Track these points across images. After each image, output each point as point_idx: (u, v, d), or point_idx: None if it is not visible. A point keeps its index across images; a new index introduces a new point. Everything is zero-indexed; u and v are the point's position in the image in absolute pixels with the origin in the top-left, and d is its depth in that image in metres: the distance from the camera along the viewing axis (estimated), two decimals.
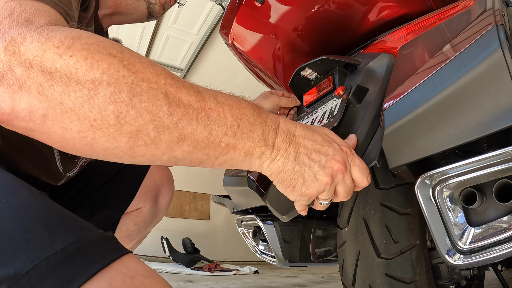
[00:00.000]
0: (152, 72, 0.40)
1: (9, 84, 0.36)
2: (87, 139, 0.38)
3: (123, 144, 0.38)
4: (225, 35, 1.17)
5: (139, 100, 0.38)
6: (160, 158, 0.41)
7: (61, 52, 0.37)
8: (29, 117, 0.37)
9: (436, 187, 0.52)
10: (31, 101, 0.36)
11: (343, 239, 0.78)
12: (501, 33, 0.45)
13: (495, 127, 0.44)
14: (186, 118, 0.40)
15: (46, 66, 0.36)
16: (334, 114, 0.69)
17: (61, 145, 0.39)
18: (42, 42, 0.37)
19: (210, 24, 3.60)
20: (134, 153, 0.39)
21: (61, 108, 0.36)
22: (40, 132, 0.38)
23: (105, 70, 0.37)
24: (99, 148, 0.39)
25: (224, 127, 0.42)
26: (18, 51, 0.36)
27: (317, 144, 0.49)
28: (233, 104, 0.44)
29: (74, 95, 0.36)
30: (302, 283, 3.28)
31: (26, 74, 0.36)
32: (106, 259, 0.38)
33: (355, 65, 0.78)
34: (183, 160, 0.42)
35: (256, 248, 1.21)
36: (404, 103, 0.52)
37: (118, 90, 0.37)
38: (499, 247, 0.47)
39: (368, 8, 0.90)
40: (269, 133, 0.46)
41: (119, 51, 0.39)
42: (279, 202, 0.75)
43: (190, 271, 3.89)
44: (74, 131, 0.37)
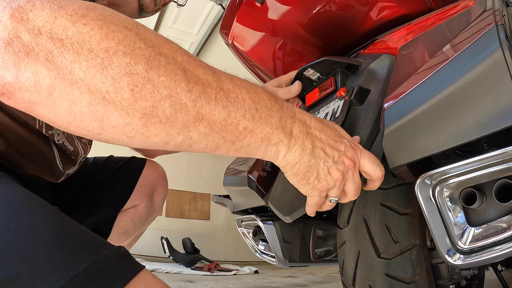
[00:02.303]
0: (168, 48, 0.38)
1: (15, 51, 0.33)
2: (97, 114, 0.35)
3: (136, 121, 0.36)
4: (225, 35, 1.17)
5: (156, 74, 0.35)
6: (175, 139, 0.38)
7: (74, 20, 0.34)
8: (34, 88, 0.34)
9: (436, 187, 0.52)
10: (38, 68, 0.33)
11: (343, 239, 0.78)
12: (501, 33, 0.45)
13: (495, 127, 0.44)
14: (204, 96, 0.38)
15: (56, 33, 0.33)
16: (336, 116, 0.69)
17: (66, 122, 0.36)
18: (54, 9, 0.34)
19: (210, 24, 3.60)
20: (148, 132, 0.37)
21: (71, 78, 0.33)
22: (44, 105, 0.35)
23: (121, 40, 0.35)
24: (109, 125, 0.36)
25: (243, 109, 0.41)
26: (26, 18, 0.34)
27: (330, 139, 0.48)
28: (250, 87, 0.43)
29: (85, 64, 0.33)
30: (302, 283, 3.28)
31: (34, 41, 0.33)
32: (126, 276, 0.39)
33: (356, 66, 0.79)
34: (199, 143, 0.40)
35: (256, 248, 1.21)
36: (404, 103, 0.52)
37: (135, 61, 0.35)
38: (499, 247, 0.47)
39: (368, 8, 0.90)
40: (286, 120, 0.45)
41: (134, 26, 0.37)
42: (282, 202, 0.75)
43: (190, 271, 3.90)
44: (84, 104, 0.34)
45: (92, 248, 0.40)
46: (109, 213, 0.96)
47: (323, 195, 0.51)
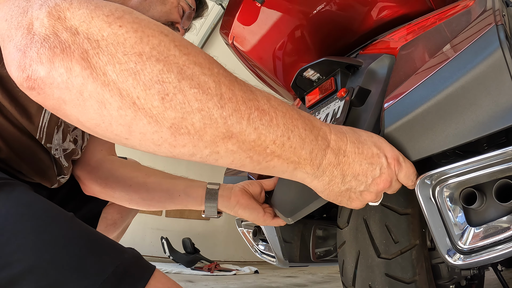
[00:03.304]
0: (205, 58, 0.37)
1: (51, 47, 0.33)
2: (126, 118, 0.34)
3: (164, 129, 0.35)
4: (225, 35, 1.17)
5: (188, 85, 0.34)
6: (202, 152, 0.37)
7: (110, 21, 0.34)
8: (66, 85, 0.33)
9: (436, 187, 0.52)
10: (72, 66, 0.33)
11: (343, 239, 0.78)
12: (501, 33, 0.45)
13: (495, 127, 0.44)
14: (236, 115, 0.37)
15: (92, 33, 0.33)
16: (337, 117, 0.69)
17: (94, 123, 0.35)
18: (91, 9, 0.34)
19: (210, 24, 3.60)
20: (175, 141, 0.36)
21: (104, 79, 0.33)
22: (74, 104, 0.34)
23: (155, 46, 0.34)
24: (137, 131, 0.35)
25: (274, 134, 0.39)
26: (64, 17, 0.34)
27: (366, 163, 0.47)
28: (286, 112, 0.41)
29: (119, 67, 0.33)
30: (302, 283, 3.28)
31: (71, 39, 0.33)
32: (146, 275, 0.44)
33: (357, 66, 0.79)
34: (225, 158, 0.39)
35: (256, 248, 1.21)
36: (404, 103, 0.52)
37: (167, 69, 0.34)
38: (499, 247, 0.47)
39: (368, 8, 0.90)
40: (317, 153, 0.43)
41: (170, 32, 0.36)
42: (284, 204, 0.75)
43: (190, 271, 3.90)
44: (114, 107, 0.34)
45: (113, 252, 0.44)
46: (94, 208, 0.97)
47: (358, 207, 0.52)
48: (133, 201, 0.83)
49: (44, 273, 0.38)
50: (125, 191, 0.82)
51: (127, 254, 0.45)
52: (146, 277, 0.44)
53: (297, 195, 0.71)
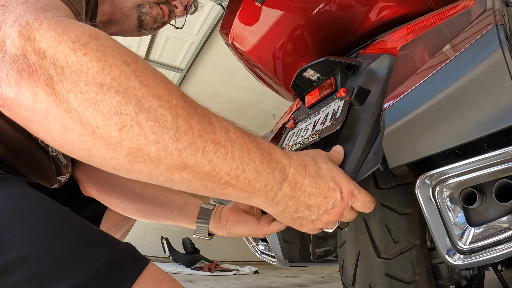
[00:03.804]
0: (165, 89, 0.38)
1: (19, 69, 0.34)
2: (86, 144, 0.36)
3: (122, 157, 0.36)
4: (225, 35, 1.17)
5: (145, 118, 0.35)
6: (157, 178, 0.39)
7: (75, 48, 0.35)
8: (32, 108, 0.35)
9: (436, 187, 0.52)
10: (37, 91, 0.34)
11: (343, 239, 0.78)
12: (501, 33, 0.45)
13: (495, 127, 0.44)
14: (191, 147, 0.38)
15: (58, 59, 0.34)
16: (337, 116, 0.69)
17: (58, 144, 0.37)
18: (59, 33, 0.35)
19: (210, 24, 3.60)
20: (132, 168, 0.38)
21: (66, 107, 0.34)
22: (40, 125, 0.36)
23: (116, 76, 0.35)
24: (97, 156, 0.37)
25: (229, 167, 0.40)
26: (33, 38, 0.35)
27: (320, 197, 0.49)
28: (244, 145, 0.42)
29: (80, 96, 0.34)
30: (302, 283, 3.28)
31: (38, 63, 0.34)
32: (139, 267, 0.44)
33: (356, 66, 0.79)
34: (180, 185, 0.41)
35: (256, 248, 1.21)
36: (404, 103, 0.52)
37: (126, 101, 0.35)
38: (499, 247, 0.47)
39: (368, 8, 0.90)
40: (273, 185, 0.45)
41: (134, 60, 0.37)
42: None
43: (190, 271, 3.90)
44: (75, 133, 0.35)
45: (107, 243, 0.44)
46: (96, 210, 0.96)
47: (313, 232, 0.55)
48: (128, 210, 0.82)
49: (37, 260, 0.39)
50: (121, 199, 0.81)
51: (121, 246, 0.45)
52: (140, 268, 0.44)
53: None
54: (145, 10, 0.89)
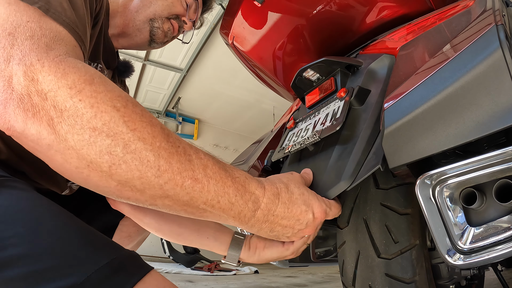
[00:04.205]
0: (149, 133, 0.43)
1: (25, 109, 0.40)
2: (82, 175, 0.42)
3: (112, 187, 0.43)
4: (225, 35, 1.17)
5: (131, 158, 0.42)
6: (143, 203, 0.46)
7: (72, 94, 0.41)
8: (36, 142, 0.41)
9: (436, 187, 0.52)
10: (40, 130, 0.40)
11: (343, 239, 0.78)
12: (501, 33, 0.45)
13: (495, 127, 0.43)
14: (171, 183, 0.44)
15: (58, 102, 0.40)
16: (337, 117, 0.69)
17: (60, 171, 0.44)
18: (58, 77, 0.41)
19: (210, 24, 3.60)
20: (121, 194, 0.44)
21: (65, 144, 0.40)
22: (43, 155, 0.42)
23: (106, 122, 0.41)
24: (92, 183, 0.43)
25: (205, 198, 0.46)
26: (36, 79, 0.40)
27: (293, 220, 0.55)
28: (220, 180, 0.48)
29: (77, 137, 0.40)
30: (302, 283, 3.28)
31: (41, 105, 0.40)
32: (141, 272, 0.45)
33: (356, 66, 0.78)
34: (163, 209, 0.47)
35: None
36: (404, 103, 0.52)
37: (115, 143, 0.41)
38: (499, 247, 0.47)
39: (368, 8, 0.90)
40: (246, 213, 0.51)
41: (123, 105, 0.43)
42: None
43: (190, 271, 3.90)
44: (73, 165, 0.42)
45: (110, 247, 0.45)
46: (111, 220, 0.96)
47: None
48: (161, 231, 0.82)
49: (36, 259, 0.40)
50: (156, 220, 0.80)
51: (125, 251, 0.46)
52: (142, 273, 0.44)
53: None
54: (157, 24, 0.94)
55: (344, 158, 0.62)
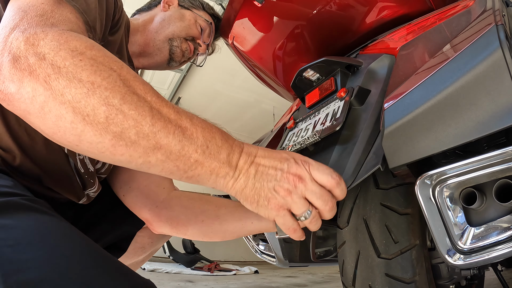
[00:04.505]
0: (142, 89, 0.46)
1: (21, 69, 0.41)
2: (77, 130, 0.43)
3: (107, 141, 0.44)
4: (225, 35, 1.17)
5: (127, 108, 0.44)
6: (136, 160, 0.46)
7: (73, 55, 0.43)
8: (30, 101, 0.42)
9: (436, 187, 0.52)
10: (36, 87, 0.41)
11: (343, 239, 0.78)
12: (501, 33, 0.45)
13: (495, 127, 0.44)
14: (164, 130, 0.45)
15: (57, 61, 0.42)
16: (337, 117, 0.69)
17: (51, 132, 0.44)
18: (61, 42, 0.44)
19: None
20: (115, 151, 0.45)
21: (61, 99, 0.42)
22: (36, 116, 0.43)
23: (105, 77, 0.44)
24: (85, 140, 0.44)
25: (195, 145, 0.48)
26: (37, 44, 0.43)
27: (274, 161, 0.54)
28: (205, 127, 0.50)
29: (75, 91, 0.42)
30: (302, 283, 3.28)
31: (38, 63, 0.41)
32: None
33: (356, 66, 0.78)
34: (156, 167, 0.47)
35: (256, 248, 1.21)
36: (404, 103, 0.52)
37: (112, 95, 0.43)
38: (499, 247, 0.47)
39: (368, 8, 0.90)
40: (233, 155, 0.52)
41: (119, 67, 0.46)
42: None
43: (190, 271, 3.90)
44: (68, 120, 0.42)
45: (127, 276, 0.45)
46: (129, 231, 0.96)
47: (282, 213, 0.53)
48: (207, 235, 0.83)
49: (54, 284, 0.39)
50: (197, 228, 0.82)
51: (140, 280, 0.46)
52: None
53: None
54: (176, 43, 1.01)
55: (344, 158, 0.62)
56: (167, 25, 1.01)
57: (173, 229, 0.84)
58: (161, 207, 0.85)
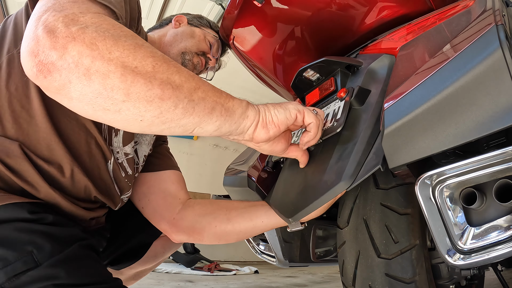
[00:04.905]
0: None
1: (63, 36, 0.43)
2: (126, 83, 0.45)
3: (156, 87, 0.46)
4: (225, 35, 1.16)
5: (169, 58, 0.50)
6: (182, 101, 0.49)
7: (116, 27, 0.47)
8: (75, 65, 0.43)
9: (436, 187, 0.52)
10: (82, 49, 0.43)
11: (343, 239, 0.78)
12: (501, 33, 0.45)
13: (495, 127, 0.44)
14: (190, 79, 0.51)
15: (102, 26, 0.46)
16: (337, 117, 0.69)
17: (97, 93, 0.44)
18: (101, 19, 0.48)
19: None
20: (163, 95, 0.47)
21: (109, 56, 0.44)
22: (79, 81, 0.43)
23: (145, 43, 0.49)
24: (134, 92, 0.45)
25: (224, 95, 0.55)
26: (77, 19, 0.45)
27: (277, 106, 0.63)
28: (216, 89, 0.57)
29: (122, 47, 0.45)
30: (302, 283, 3.29)
31: (81, 31, 0.44)
32: None
33: (356, 66, 0.78)
34: (199, 104, 0.51)
35: (256, 248, 1.21)
36: (404, 103, 0.52)
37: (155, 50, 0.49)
38: (499, 247, 0.47)
39: (368, 8, 0.90)
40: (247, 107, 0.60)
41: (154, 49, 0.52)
42: (284, 204, 0.75)
43: (190, 271, 3.89)
44: (117, 75, 0.44)
45: None
46: (146, 238, 1.00)
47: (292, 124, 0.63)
48: (222, 238, 0.88)
49: None
50: (212, 233, 0.87)
51: None
52: None
53: (298, 195, 0.71)
54: (188, 57, 1.07)
55: (345, 158, 0.62)
56: (180, 40, 1.08)
57: (190, 237, 0.89)
58: (178, 218, 0.90)
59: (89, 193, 0.73)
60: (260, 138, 0.60)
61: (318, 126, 0.65)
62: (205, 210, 0.90)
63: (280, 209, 0.75)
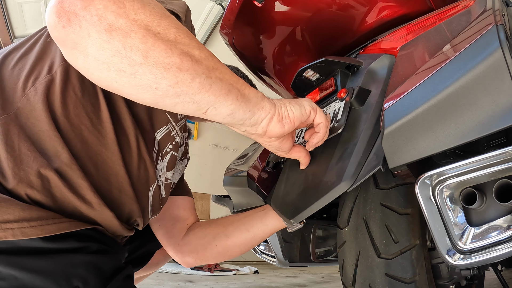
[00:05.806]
0: None
1: None
2: (147, 44, 0.44)
3: (175, 56, 0.46)
4: (225, 35, 1.16)
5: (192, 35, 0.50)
6: (200, 76, 0.48)
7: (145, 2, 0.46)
8: (98, 18, 0.42)
9: (436, 187, 0.52)
10: (109, 4, 0.42)
11: (343, 239, 0.78)
12: (501, 33, 0.45)
13: (495, 127, 0.44)
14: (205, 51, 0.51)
15: None
16: (338, 118, 0.69)
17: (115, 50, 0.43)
18: None
19: (210, 24, 3.61)
20: (182, 65, 0.47)
21: (134, 17, 0.44)
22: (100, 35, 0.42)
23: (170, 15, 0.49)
24: (152, 56, 0.45)
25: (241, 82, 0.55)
26: None
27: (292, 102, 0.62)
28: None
29: (149, 12, 0.45)
30: (302, 283, 3.29)
31: None
32: None
33: (356, 67, 0.78)
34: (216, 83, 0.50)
35: (256, 248, 1.21)
36: (404, 103, 0.52)
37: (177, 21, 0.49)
38: (499, 247, 0.47)
39: (368, 8, 0.90)
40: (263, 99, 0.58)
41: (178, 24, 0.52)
42: (285, 205, 0.74)
43: (190, 271, 3.90)
44: (138, 36, 0.44)
45: None
46: (151, 248, 1.02)
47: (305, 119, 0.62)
48: (226, 255, 0.90)
49: None
50: (215, 252, 0.89)
51: None
52: None
53: (298, 195, 0.71)
54: None
55: (345, 159, 0.62)
56: None
57: (196, 260, 0.91)
58: (182, 244, 0.93)
59: (131, 215, 0.71)
60: (274, 132, 0.59)
61: (327, 127, 0.64)
62: (204, 231, 0.92)
63: (281, 210, 0.75)
